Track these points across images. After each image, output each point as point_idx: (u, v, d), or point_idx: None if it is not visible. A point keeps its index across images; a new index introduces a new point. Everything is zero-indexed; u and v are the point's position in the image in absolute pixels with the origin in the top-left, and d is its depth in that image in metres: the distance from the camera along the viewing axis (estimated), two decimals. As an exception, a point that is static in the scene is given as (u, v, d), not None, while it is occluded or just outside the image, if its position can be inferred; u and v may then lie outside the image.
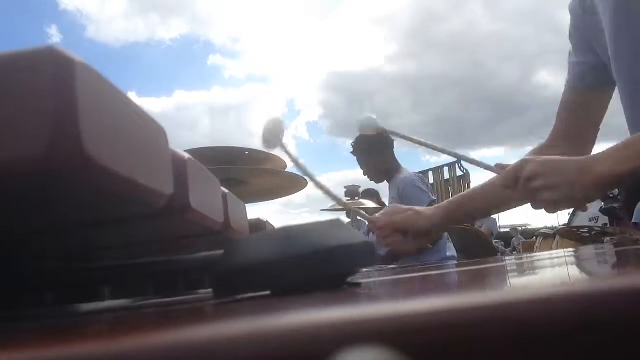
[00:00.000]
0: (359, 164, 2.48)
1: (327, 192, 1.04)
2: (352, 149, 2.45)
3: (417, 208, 1.10)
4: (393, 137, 1.13)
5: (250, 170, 1.28)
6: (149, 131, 0.30)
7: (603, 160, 0.76)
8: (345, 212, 2.78)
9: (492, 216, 5.20)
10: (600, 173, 0.75)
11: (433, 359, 0.12)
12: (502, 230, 7.41)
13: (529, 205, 0.84)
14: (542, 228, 6.09)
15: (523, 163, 0.81)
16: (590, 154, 1.02)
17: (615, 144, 0.76)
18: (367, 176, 2.49)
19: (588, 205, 0.82)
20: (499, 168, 0.91)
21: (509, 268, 0.56)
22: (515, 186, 0.81)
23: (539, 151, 1.09)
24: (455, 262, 2.07)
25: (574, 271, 0.40)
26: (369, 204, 2.71)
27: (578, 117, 1.07)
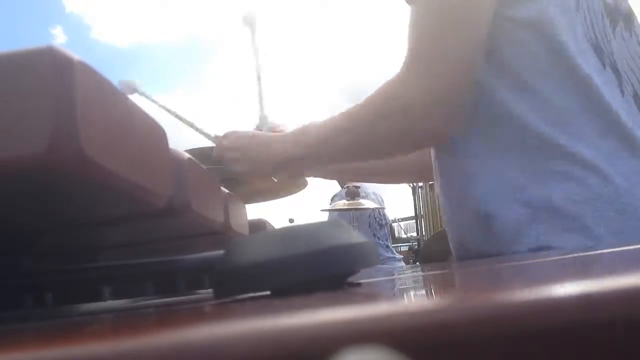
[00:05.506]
0: None
1: (195, 127, 0.92)
2: None
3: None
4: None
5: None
6: (149, 131, 0.30)
7: (281, 140, 0.77)
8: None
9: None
10: (275, 151, 0.76)
11: (433, 359, 0.12)
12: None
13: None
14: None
15: (225, 135, 0.82)
16: None
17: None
18: None
19: (276, 180, 0.83)
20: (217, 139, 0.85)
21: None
22: (221, 157, 0.81)
23: None
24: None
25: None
26: (369, 204, 2.71)
27: None
